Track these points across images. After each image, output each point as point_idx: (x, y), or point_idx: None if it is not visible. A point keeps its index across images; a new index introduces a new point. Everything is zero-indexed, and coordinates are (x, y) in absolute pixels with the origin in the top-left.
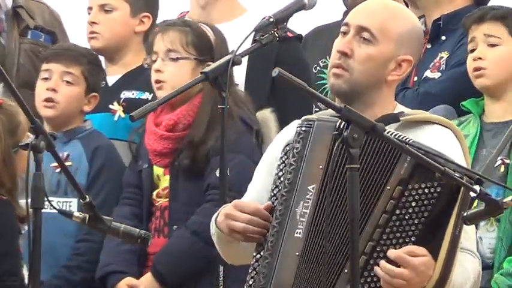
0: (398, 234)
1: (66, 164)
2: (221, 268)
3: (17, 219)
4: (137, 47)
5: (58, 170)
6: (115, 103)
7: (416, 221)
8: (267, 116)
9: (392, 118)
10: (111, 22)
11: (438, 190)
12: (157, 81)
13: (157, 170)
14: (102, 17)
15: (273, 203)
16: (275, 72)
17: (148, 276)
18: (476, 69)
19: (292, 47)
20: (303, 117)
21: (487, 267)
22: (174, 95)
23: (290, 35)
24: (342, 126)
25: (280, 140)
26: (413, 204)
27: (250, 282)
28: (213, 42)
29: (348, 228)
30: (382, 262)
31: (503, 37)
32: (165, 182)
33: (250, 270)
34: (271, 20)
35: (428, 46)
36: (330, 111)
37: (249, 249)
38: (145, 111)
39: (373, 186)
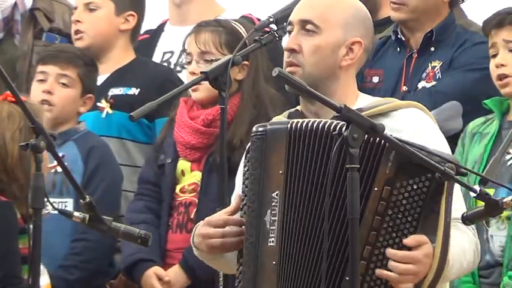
0: (394, 235)
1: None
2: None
3: (22, 218)
4: (124, 46)
5: (53, 170)
6: (103, 100)
7: (409, 218)
8: None
9: None
10: (96, 20)
11: (427, 184)
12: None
13: (183, 165)
14: (87, 16)
15: (244, 212)
16: (275, 72)
17: (176, 269)
18: (501, 76)
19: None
20: (256, 125)
21: (497, 264)
22: (174, 94)
23: None
24: (293, 127)
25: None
26: (404, 202)
27: None
28: (246, 40)
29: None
30: (395, 263)
31: None
32: (190, 177)
33: (236, 284)
34: (271, 19)
35: (416, 56)
36: (286, 112)
37: (234, 260)
38: (144, 111)
39: (359, 189)
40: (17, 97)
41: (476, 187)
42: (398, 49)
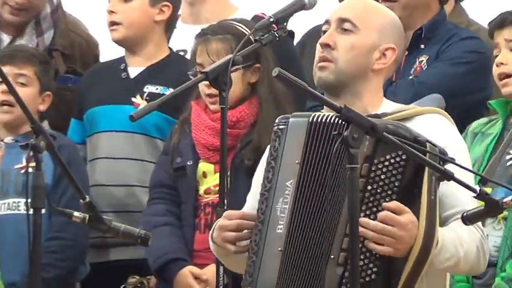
0: (374, 209)
1: (31, 165)
2: (221, 268)
3: None
4: (159, 38)
5: (23, 171)
6: (138, 96)
7: (389, 192)
8: None
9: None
10: (130, 11)
11: (404, 157)
12: (211, 96)
13: (205, 167)
14: (121, 6)
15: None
16: (275, 72)
17: (213, 267)
18: (501, 76)
19: (283, 41)
20: (280, 116)
21: (491, 265)
22: (174, 94)
23: None
24: (315, 120)
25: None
26: (383, 176)
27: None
28: (253, 42)
29: (327, 217)
30: (371, 221)
31: None
32: (214, 178)
33: (244, 274)
34: (271, 19)
35: (406, 53)
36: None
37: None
38: (145, 111)
39: (341, 170)
40: (16, 97)
41: (476, 187)
42: None
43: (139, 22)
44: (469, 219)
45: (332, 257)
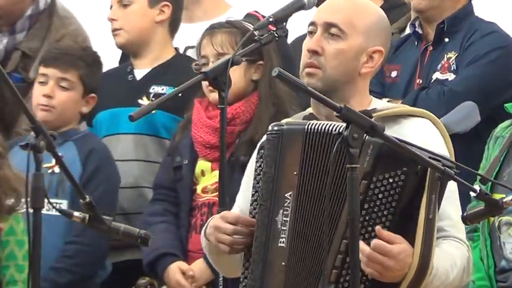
0: (370, 228)
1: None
2: None
3: None
4: (163, 38)
5: (50, 171)
6: (144, 98)
7: (385, 212)
8: None
9: (365, 115)
10: (130, 15)
11: (402, 178)
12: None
13: (203, 165)
14: (121, 12)
15: (254, 208)
16: (275, 72)
17: (200, 263)
18: None
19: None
20: (272, 124)
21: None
22: (174, 94)
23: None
24: (310, 130)
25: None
26: (380, 196)
27: None
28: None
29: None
30: (360, 245)
31: None
32: (211, 177)
33: (241, 279)
34: (271, 19)
35: (431, 49)
36: (301, 114)
37: (238, 260)
38: (145, 111)
39: (340, 184)
40: (17, 97)
41: (476, 187)
42: (416, 43)
43: (140, 25)
44: (469, 219)
45: (325, 272)
